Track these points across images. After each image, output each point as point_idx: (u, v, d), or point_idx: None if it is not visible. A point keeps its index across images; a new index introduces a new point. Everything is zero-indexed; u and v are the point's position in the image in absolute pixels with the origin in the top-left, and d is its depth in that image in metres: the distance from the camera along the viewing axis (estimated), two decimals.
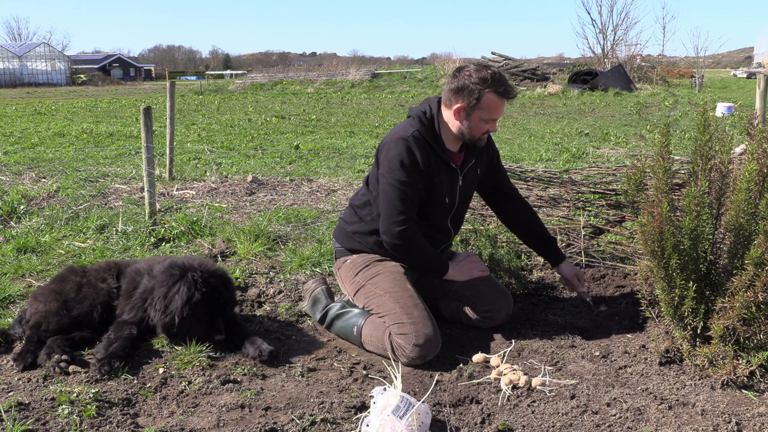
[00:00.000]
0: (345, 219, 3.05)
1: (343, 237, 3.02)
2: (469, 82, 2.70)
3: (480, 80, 2.68)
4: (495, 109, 2.74)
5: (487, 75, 2.69)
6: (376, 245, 2.90)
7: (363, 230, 2.93)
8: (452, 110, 2.77)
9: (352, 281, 2.92)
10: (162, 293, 2.66)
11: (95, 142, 10.59)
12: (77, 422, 2.12)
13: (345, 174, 7.29)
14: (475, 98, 2.70)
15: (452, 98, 2.76)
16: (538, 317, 3.10)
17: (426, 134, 2.77)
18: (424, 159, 2.73)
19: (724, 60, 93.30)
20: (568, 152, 8.71)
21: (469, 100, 2.72)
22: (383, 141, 2.84)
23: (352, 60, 53.11)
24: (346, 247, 3.00)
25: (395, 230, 2.73)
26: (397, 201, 2.72)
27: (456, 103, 2.75)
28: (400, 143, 2.72)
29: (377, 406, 2.05)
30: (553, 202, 3.93)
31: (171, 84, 7.42)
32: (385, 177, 2.74)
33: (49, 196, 5.89)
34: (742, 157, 2.76)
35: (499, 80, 2.71)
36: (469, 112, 2.74)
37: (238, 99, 24.99)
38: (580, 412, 2.21)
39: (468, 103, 2.73)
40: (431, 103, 2.86)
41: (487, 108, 2.72)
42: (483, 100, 2.70)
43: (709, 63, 58.75)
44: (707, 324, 2.38)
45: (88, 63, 69.89)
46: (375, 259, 2.91)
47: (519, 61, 29.28)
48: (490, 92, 2.69)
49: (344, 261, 3.00)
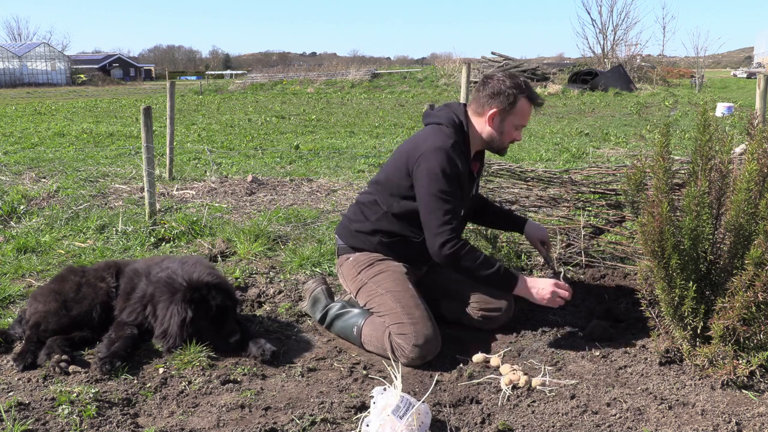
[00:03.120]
0: (350, 217, 3.04)
1: (347, 234, 3.01)
2: (505, 87, 2.76)
3: (515, 86, 2.76)
4: (526, 115, 2.82)
5: (520, 81, 2.79)
6: (379, 245, 2.89)
7: (366, 229, 2.92)
8: (486, 116, 2.80)
9: (354, 279, 2.92)
10: (161, 315, 2.65)
11: (95, 142, 10.59)
12: (77, 422, 2.12)
13: (345, 174, 7.29)
14: (510, 103, 2.76)
15: (486, 104, 2.79)
16: (538, 317, 3.10)
17: (460, 140, 2.79)
18: (461, 168, 2.74)
19: (724, 60, 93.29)
20: (568, 152, 8.71)
21: (505, 105, 2.77)
22: (416, 149, 2.75)
23: (352, 60, 53.13)
24: (349, 245, 2.99)
25: (440, 241, 2.63)
26: (442, 212, 2.65)
27: (491, 108, 2.79)
28: (441, 153, 2.69)
29: (377, 406, 2.05)
30: (553, 202, 3.93)
31: (171, 84, 7.42)
32: (427, 188, 2.68)
33: (49, 196, 5.89)
34: (742, 157, 2.76)
35: (530, 88, 2.82)
36: (504, 117, 2.79)
37: (238, 99, 24.99)
38: (580, 412, 2.21)
39: (503, 108, 2.77)
40: (457, 111, 2.86)
41: (519, 113, 2.79)
42: (517, 105, 2.77)
43: (709, 63, 58.75)
44: (707, 324, 2.38)
45: (88, 63, 69.87)
46: (378, 258, 2.90)
47: (519, 61, 29.26)
48: (524, 98, 2.77)
49: (346, 258, 2.99)
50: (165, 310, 2.65)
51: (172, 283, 2.70)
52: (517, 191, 3.97)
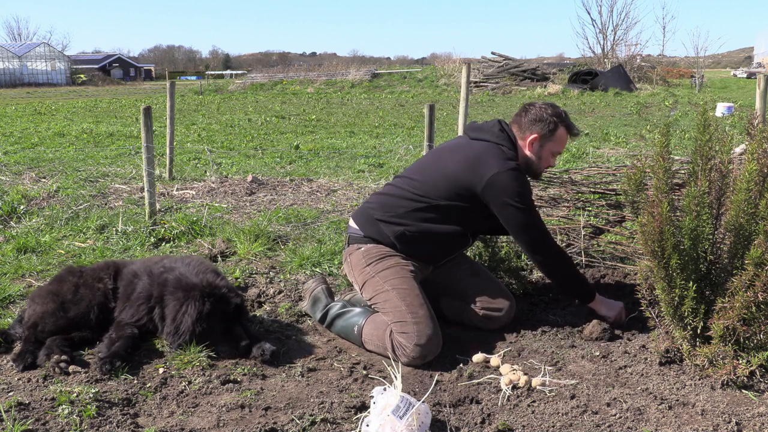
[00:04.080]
0: (372, 206, 2.99)
1: (365, 221, 2.97)
2: (546, 115, 2.91)
3: (555, 114, 2.92)
4: (563, 143, 2.97)
5: (561, 111, 2.95)
6: (395, 239, 2.88)
7: (392, 220, 2.89)
8: (527, 140, 2.92)
9: (362, 270, 2.89)
10: (172, 313, 2.65)
11: (95, 142, 10.59)
12: (77, 422, 2.12)
13: (345, 174, 7.29)
14: (550, 130, 2.90)
15: (528, 129, 2.92)
16: (538, 317, 3.10)
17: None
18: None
19: (724, 60, 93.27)
20: (567, 152, 8.70)
21: (545, 131, 2.90)
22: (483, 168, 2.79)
23: (352, 60, 53.13)
24: (366, 234, 2.94)
25: (552, 251, 2.86)
26: (538, 225, 2.85)
27: (532, 133, 2.91)
28: (515, 175, 2.79)
29: (377, 406, 2.05)
30: (553, 202, 3.93)
31: (171, 84, 7.42)
32: (514, 206, 2.78)
33: (49, 196, 5.89)
34: (742, 157, 2.77)
35: (568, 118, 2.98)
36: (543, 143, 2.92)
37: (238, 99, 24.99)
38: (580, 412, 2.21)
39: (543, 135, 2.90)
40: (508, 131, 2.95)
41: (558, 141, 2.93)
42: (557, 133, 2.92)
43: (709, 63, 58.72)
44: (707, 324, 2.38)
45: (88, 63, 69.86)
46: (389, 253, 2.88)
47: (519, 61, 29.27)
48: (563, 127, 2.93)
49: (358, 248, 2.95)
50: (179, 307, 2.64)
51: (184, 282, 2.70)
52: None
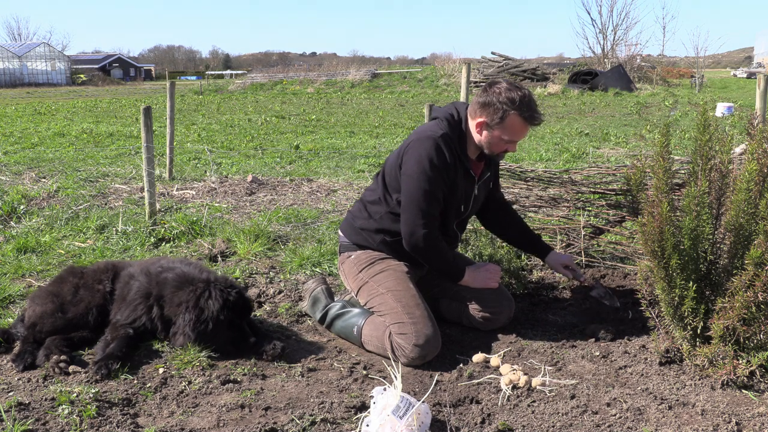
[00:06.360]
0: (354, 213, 3.03)
1: (351, 231, 3.01)
2: (497, 100, 2.68)
3: (508, 100, 2.66)
4: (517, 132, 2.73)
5: (515, 96, 2.67)
6: (382, 244, 2.89)
7: (371, 227, 2.92)
8: (475, 122, 2.76)
9: (355, 277, 2.92)
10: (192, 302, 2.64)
11: (95, 142, 10.59)
12: (77, 422, 2.12)
13: (345, 174, 7.29)
14: (499, 117, 2.69)
15: (477, 111, 2.75)
16: (538, 317, 3.10)
17: (453, 136, 2.76)
18: (450, 161, 2.73)
19: (724, 60, 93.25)
20: (568, 152, 8.70)
21: (493, 117, 2.70)
22: (408, 140, 2.80)
23: (352, 60, 53.07)
24: (353, 242, 2.98)
25: (420, 232, 2.72)
26: (423, 202, 2.70)
27: (480, 116, 2.74)
28: (429, 142, 2.69)
29: (377, 406, 2.05)
30: (553, 202, 3.93)
31: (171, 84, 7.42)
32: (411, 177, 2.70)
33: (49, 196, 5.89)
34: (742, 157, 2.77)
35: (527, 104, 2.68)
36: (490, 129, 2.74)
37: (238, 99, 24.99)
38: (580, 412, 2.21)
39: (491, 120, 2.71)
40: (459, 108, 2.85)
41: (510, 129, 2.71)
42: (507, 121, 2.69)
43: (709, 63, 58.72)
44: (707, 324, 2.38)
45: (88, 63, 69.90)
46: (380, 257, 2.90)
47: (519, 61, 29.27)
48: (516, 115, 2.67)
49: (348, 256, 2.99)
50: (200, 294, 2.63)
51: (195, 277, 2.71)
52: (517, 191, 3.97)
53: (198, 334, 2.59)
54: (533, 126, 2.75)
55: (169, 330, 2.69)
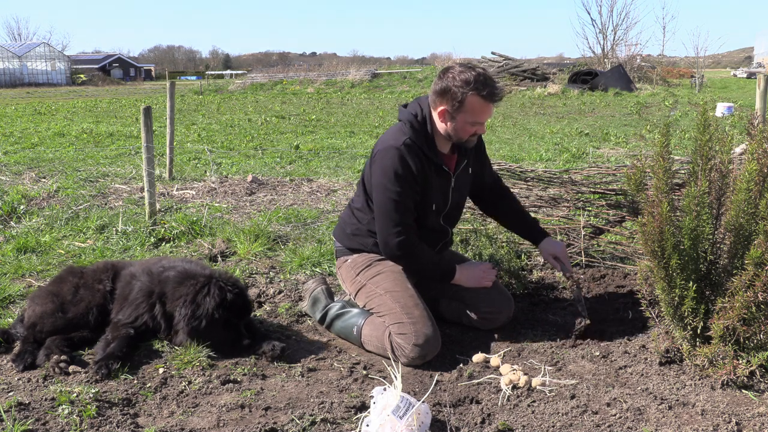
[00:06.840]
0: (344, 219, 3.04)
1: (343, 236, 3.01)
2: (452, 85, 2.61)
3: (463, 83, 2.59)
4: (480, 112, 2.65)
5: (470, 77, 2.59)
6: (375, 246, 2.89)
7: (361, 232, 2.92)
8: (437, 112, 2.70)
9: (353, 281, 2.92)
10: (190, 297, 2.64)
11: (95, 142, 10.59)
12: (77, 422, 2.12)
13: (345, 174, 7.29)
14: (459, 101, 2.62)
15: (437, 100, 2.69)
16: (538, 317, 3.10)
17: (417, 140, 2.70)
18: (417, 167, 2.68)
19: (724, 60, 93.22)
20: (568, 152, 8.70)
21: (453, 103, 2.63)
22: (375, 149, 2.77)
23: (352, 60, 53.07)
24: (347, 246, 2.99)
25: (393, 242, 2.72)
26: (393, 212, 2.69)
27: (440, 105, 2.68)
28: (392, 152, 2.66)
29: (377, 406, 2.05)
30: (553, 202, 3.93)
31: (171, 84, 7.42)
32: (379, 188, 2.70)
33: (49, 196, 5.89)
34: (742, 157, 2.76)
35: (483, 82, 2.60)
36: (454, 115, 2.66)
37: (238, 99, 24.99)
38: (580, 412, 2.21)
39: (452, 107, 2.64)
40: (422, 104, 2.79)
41: (471, 111, 2.64)
42: (467, 104, 2.62)
43: (709, 63, 58.71)
44: (707, 324, 2.38)
45: (88, 63, 69.89)
46: (376, 259, 2.90)
47: (519, 61, 29.26)
48: (474, 95, 2.60)
49: (344, 260, 2.99)
50: (197, 289, 2.63)
51: (197, 273, 2.71)
52: (517, 191, 3.96)
53: (191, 330, 2.59)
54: (494, 103, 2.66)
55: (171, 328, 2.69)
